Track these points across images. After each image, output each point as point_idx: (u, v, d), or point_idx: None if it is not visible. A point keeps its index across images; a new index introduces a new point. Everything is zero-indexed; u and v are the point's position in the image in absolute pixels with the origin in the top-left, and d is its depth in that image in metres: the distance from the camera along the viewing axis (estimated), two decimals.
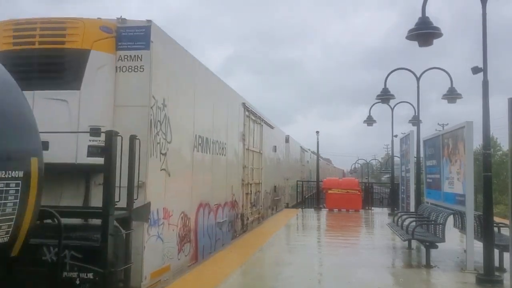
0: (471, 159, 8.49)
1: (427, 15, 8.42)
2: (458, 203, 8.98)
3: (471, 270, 8.10)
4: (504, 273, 7.89)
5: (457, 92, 15.44)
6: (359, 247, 11.53)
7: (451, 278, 7.91)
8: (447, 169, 9.71)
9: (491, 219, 7.51)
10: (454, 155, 9.25)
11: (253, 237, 12.15)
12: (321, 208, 21.98)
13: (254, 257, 9.38)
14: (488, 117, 7.53)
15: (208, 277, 7.42)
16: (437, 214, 9.69)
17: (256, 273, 8.18)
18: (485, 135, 7.58)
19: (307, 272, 8.16)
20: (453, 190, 9.29)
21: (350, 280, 7.63)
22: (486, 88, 7.54)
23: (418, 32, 8.36)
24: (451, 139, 9.43)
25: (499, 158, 42.10)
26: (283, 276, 7.96)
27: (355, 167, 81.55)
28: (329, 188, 21.60)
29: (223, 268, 8.10)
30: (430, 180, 11.52)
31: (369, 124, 22.24)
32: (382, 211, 21.93)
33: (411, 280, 7.72)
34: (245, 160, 13.41)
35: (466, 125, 8.43)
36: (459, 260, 9.31)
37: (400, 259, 9.86)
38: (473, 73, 7.67)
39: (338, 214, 20.18)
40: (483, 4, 7.50)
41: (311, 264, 8.99)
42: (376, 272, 8.25)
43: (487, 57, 7.49)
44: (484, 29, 7.46)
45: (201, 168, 9.36)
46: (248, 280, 7.67)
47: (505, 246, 7.78)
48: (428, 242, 8.79)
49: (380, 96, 17.10)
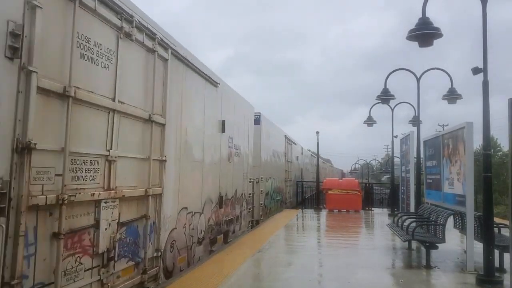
0: (471, 159, 8.48)
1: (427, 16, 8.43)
2: (458, 204, 8.97)
3: (471, 271, 8.10)
4: (504, 273, 7.90)
5: (457, 93, 15.45)
6: (359, 247, 11.51)
7: (451, 278, 7.90)
8: (447, 170, 9.70)
9: (491, 220, 7.50)
10: (454, 156, 9.24)
11: (253, 238, 12.14)
12: (321, 209, 21.97)
13: (254, 257, 9.37)
14: (488, 117, 7.52)
15: (208, 278, 7.40)
16: (437, 214, 9.69)
17: (256, 274, 8.16)
18: (485, 136, 7.57)
19: (307, 273, 8.14)
20: (453, 190, 9.28)
21: (350, 280, 7.62)
22: (486, 89, 7.53)
23: (418, 33, 8.36)
24: (451, 140, 9.42)
25: (499, 158, 42.09)
26: (283, 276, 7.94)
27: (355, 168, 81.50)
28: (329, 188, 21.59)
29: (222, 269, 8.09)
30: (430, 181, 11.51)
31: (369, 124, 22.24)
32: (382, 212, 21.91)
33: (411, 280, 7.71)
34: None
35: (466, 126, 8.43)
36: (459, 260, 9.30)
37: (400, 260, 9.84)
38: (473, 74, 7.67)
39: (338, 214, 20.16)
40: (483, 4, 7.49)
41: (311, 265, 8.97)
42: (376, 273, 8.23)
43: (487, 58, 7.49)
44: (484, 29, 7.45)
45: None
46: (248, 281, 7.65)
47: (505, 246, 7.78)
48: (428, 243, 8.78)
49: (380, 97, 17.10)
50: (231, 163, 11.85)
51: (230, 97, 11.75)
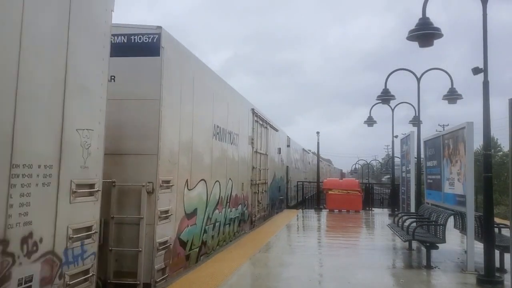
0: (472, 159, 8.48)
1: (427, 16, 8.43)
2: (458, 204, 8.96)
3: (471, 271, 8.09)
4: (505, 274, 7.89)
5: (458, 93, 15.46)
6: (359, 247, 11.51)
7: (452, 279, 7.90)
8: (448, 170, 9.70)
9: (491, 220, 7.50)
10: (454, 156, 9.24)
11: (253, 238, 12.14)
12: (321, 209, 21.97)
13: (254, 257, 9.37)
14: (489, 117, 7.52)
15: (208, 278, 7.41)
16: (438, 214, 9.68)
17: (256, 274, 8.16)
18: (485, 136, 7.57)
19: (308, 273, 8.14)
20: (454, 190, 9.27)
21: (351, 280, 7.62)
22: (486, 89, 7.53)
23: (418, 33, 8.36)
24: (452, 140, 9.42)
25: (500, 158, 42.10)
26: (284, 276, 7.95)
27: (356, 168, 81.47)
28: (329, 188, 21.59)
29: (223, 269, 8.09)
30: (430, 181, 11.51)
31: (370, 124, 22.26)
32: (383, 212, 21.91)
33: (412, 281, 7.71)
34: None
35: (467, 126, 8.43)
36: (459, 261, 9.30)
37: (401, 260, 9.84)
38: (473, 74, 7.66)
39: (338, 214, 20.16)
40: (484, 4, 7.49)
41: (311, 265, 8.96)
42: (377, 273, 8.24)
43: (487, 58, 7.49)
44: (485, 29, 7.45)
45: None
46: (248, 280, 7.66)
47: (505, 247, 7.78)
48: (429, 243, 8.78)
49: (381, 97, 17.11)
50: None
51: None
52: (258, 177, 15.62)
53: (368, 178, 58.72)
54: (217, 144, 10.78)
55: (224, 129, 11.45)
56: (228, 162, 11.83)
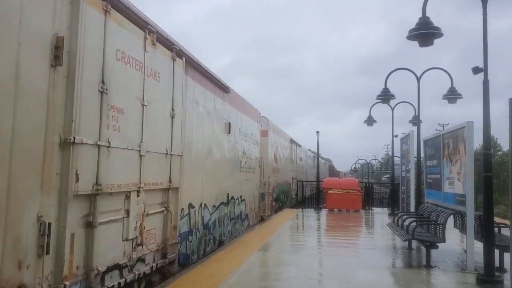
0: (472, 159, 8.48)
1: (427, 15, 8.43)
2: (458, 204, 8.97)
3: (471, 271, 8.10)
4: (505, 273, 7.90)
5: (458, 92, 15.46)
6: (359, 247, 11.52)
7: (452, 278, 7.90)
8: (448, 169, 9.70)
9: (491, 220, 7.50)
10: (454, 155, 9.24)
11: (253, 237, 12.15)
12: (321, 208, 21.98)
13: (254, 257, 9.37)
14: (489, 116, 7.52)
15: (208, 277, 7.41)
16: (438, 214, 9.69)
17: (256, 273, 8.16)
18: (485, 135, 7.57)
19: (308, 272, 8.15)
20: (454, 190, 9.28)
21: (351, 280, 7.62)
22: (486, 88, 7.52)
23: (419, 32, 8.36)
24: (452, 139, 9.42)
25: (499, 158, 42.11)
26: (283, 276, 7.96)
27: (355, 167, 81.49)
28: (329, 188, 21.60)
29: (222, 268, 8.09)
30: (430, 180, 11.51)
31: (369, 124, 22.24)
32: (382, 211, 21.92)
33: (411, 280, 7.71)
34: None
35: (467, 125, 8.43)
36: (459, 260, 9.31)
37: (400, 259, 9.85)
38: (473, 73, 7.67)
39: (338, 214, 20.16)
40: (484, 4, 7.49)
41: (311, 264, 8.97)
42: (377, 273, 8.24)
43: (487, 58, 7.49)
44: (485, 29, 7.45)
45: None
46: (248, 280, 7.65)
47: (505, 246, 7.78)
48: (429, 242, 8.78)
49: (381, 96, 17.10)
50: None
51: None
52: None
53: (368, 178, 58.72)
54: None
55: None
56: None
